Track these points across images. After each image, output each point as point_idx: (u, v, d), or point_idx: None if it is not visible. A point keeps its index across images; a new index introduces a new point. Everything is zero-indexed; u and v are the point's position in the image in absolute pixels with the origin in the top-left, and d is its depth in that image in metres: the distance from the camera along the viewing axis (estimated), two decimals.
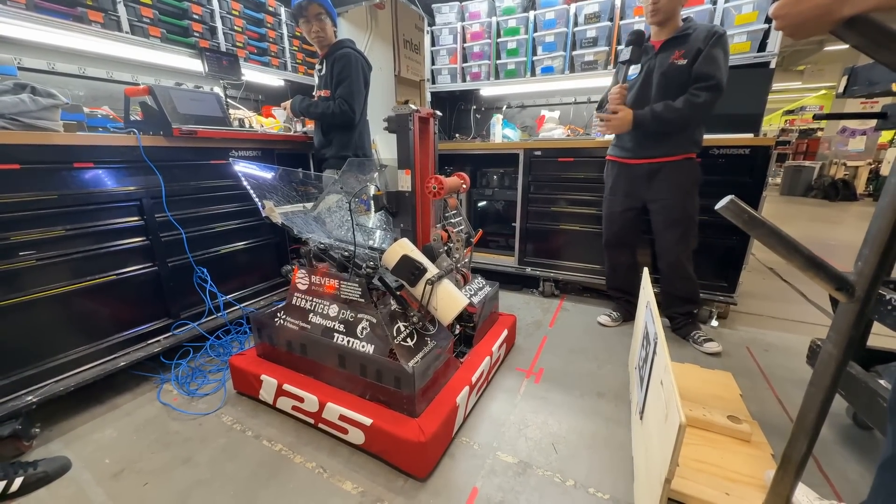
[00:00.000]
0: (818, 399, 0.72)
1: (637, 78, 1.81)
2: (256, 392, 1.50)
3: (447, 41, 2.90)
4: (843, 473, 1.19)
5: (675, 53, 1.69)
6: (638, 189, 1.91)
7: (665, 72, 1.72)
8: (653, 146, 1.81)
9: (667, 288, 2.01)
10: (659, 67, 1.74)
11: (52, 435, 1.37)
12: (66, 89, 1.92)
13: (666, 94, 1.72)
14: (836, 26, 0.55)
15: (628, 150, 1.90)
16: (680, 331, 2.01)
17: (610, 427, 1.39)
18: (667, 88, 1.72)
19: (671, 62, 1.70)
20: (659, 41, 1.75)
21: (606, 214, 2.07)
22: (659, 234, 1.92)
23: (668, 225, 1.86)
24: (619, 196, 1.99)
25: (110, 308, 1.56)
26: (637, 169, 1.89)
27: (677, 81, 1.70)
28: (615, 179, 1.99)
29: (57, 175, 1.39)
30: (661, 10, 1.67)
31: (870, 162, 7.50)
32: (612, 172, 2.01)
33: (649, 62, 1.77)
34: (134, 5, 1.93)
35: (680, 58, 1.68)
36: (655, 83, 1.75)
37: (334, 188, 1.79)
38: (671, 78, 1.71)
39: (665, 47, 1.73)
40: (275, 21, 2.70)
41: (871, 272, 0.62)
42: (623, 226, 2.02)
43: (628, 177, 1.93)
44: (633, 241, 2.10)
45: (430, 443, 1.15)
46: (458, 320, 1.64)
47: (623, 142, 1.92)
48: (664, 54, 1.73)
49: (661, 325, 1.08)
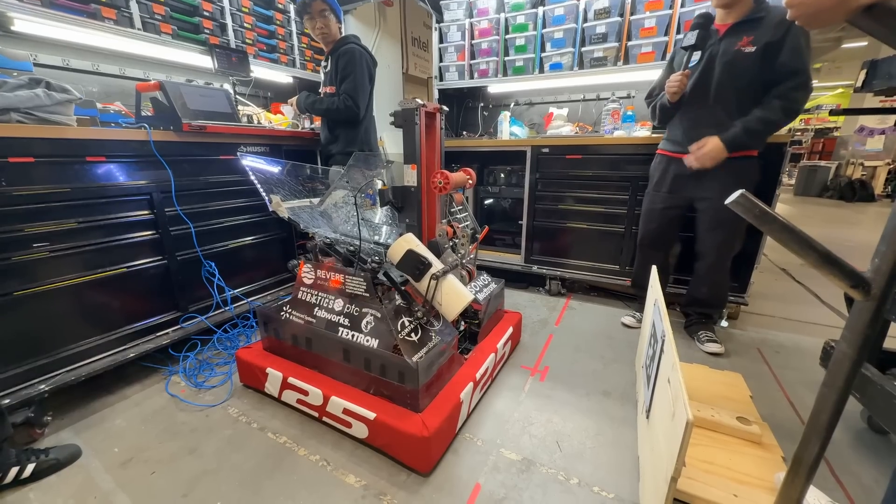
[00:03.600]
0: (831, 400, 0.70)
1: (697, 65, 1.64)
2: (262, 385, 1.52)
3: (455, 38, 2.88)
4: (856, 478, 1.16)
5: (743, 39, 1.52)
6: (685, 186, 1.78)
7: (730, 60, 1.55)
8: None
9: (696, 289, 1.94)
10: (723, 55, 1.57)
11: (64, 423, 1.40)
12: (79, 85, 1.95)
13: (730, 84, 1.58)
14: (853, 15, 0.53)
15: (680, 145, 1.75)
16: (690, 328, 1.98)
17: (615, 426, 1.38)
18: (731, 78, 1.57)
19: (737, 49, 1.53)
20: (724, 24, 1.59)
21: (646, 210, 1.95)
22: (703, 234, 1.80)
23: (715, 226, 1.74)
24: (662, 192, 1.86)
25: (121, 300, 1.59)
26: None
27: (742, 70, 1.54)
28: (662, 174, 1.85)
29: (70, 168, 1.41)
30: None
31: (888, 162, 7.29)
32: (660, 167, 1.87)
33: (711, 47, 1.60)
34: (146, 2, 1.95)
35: (748, 45, 1.51)
36: (718, 72, 1.59)
37: (340, 183, 1.80)
38: (736, 66, 1.54)
39: (731, 32, 1.56)
40: (284, 18, 2.72)
41: (889, 269, 0.60)
42: (661, 224, 1.90)
43: (675, 173, 1.79)
44: (670, 242, 1.99)
45: (434, 438, 1.15)
46: (463, 317, 1.64)
47: (675, 135, 1.78)
48: (729, 40, 1.56)
49: (670, 323, 1.07)
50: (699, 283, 1.92)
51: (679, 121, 1.77)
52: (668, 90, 1.66)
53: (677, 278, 2.16)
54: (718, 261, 1.81)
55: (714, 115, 1.64)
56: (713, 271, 1.84)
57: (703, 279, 1.89)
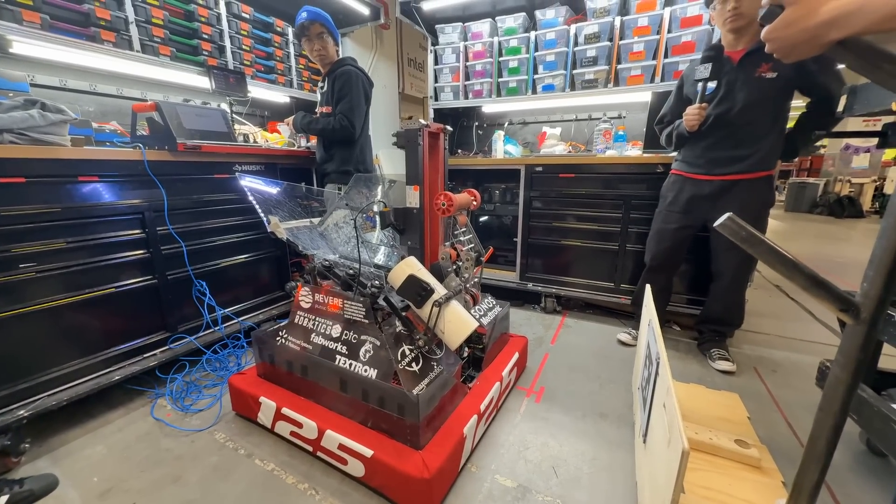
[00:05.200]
0: (828, 424, 0.69)
1: (714, 93, 1.66)
2: (255, 415, 1.45)
3: (450, 60, 2.96)
4: (858, 502, 1.13)
5: (763, 66, 1.55)
6: (700, 207, 1.78)
7: (752, 88, 1.58)
8: (729, 162, 1.68)
9: (712, 308, 1.94)
10: (743, 83, 1.59)
11: (41, 451, 1.35)
12: (76, 105, 1.96)
13: (753, 110, 1.60)
14: (826, 48, 0.55)
15: (698, 167, 1.76)
16: (703, 346, 1.97)
17: (612, 450, 1.35)
18: (754, 105, 1.59)
19: (758, 76, 1.56)
20: (736, 52, 1.61)
21: (658, 230, 1.94)
22: (719, 254, 1.81)
23: (733, 246, 1.76)
24: (676, 212, 1.85)
25: (108, 321, 1.55)
26: (705, 186, 1.75)
27: (766, 96, 1.57)
28: (677, 194, 1.85)
29: (61, 188, 1.40)
30: (744, 15, 1.51)
31: (874, 179, 7.47)
32: (675, 187, 1.87)
33: (727, 76, 1.62)
34: (146, 25, 1.99)
35: (768, 71, 1.54)
36: (742, 100, 1.61)
37: (340, 204, 1.79)
38: (760, 93, 1.58)
39: (748, 60, 1.58)
40: (282, 40, 2.78)
41: (878, 294, 0.60)
42: (673, 244, 1.90)
43: (692, 193, 1.79)
44: (678, 263, 1.99)
45: (435, 479, 1.08)
46: (467, 342, 1.58)
47: (691, 157, 1.79)
48: (748, 67, 1.58)
49: (664, 346, 1.06)
50: (716, 303, 1.92)
51: (696, 143, 1.77)
52: (688, 123, 1.68)
53: (691, 299, 2.15)
54: (735, 280, 1.81)
55: (734, 137, 1.67)
56: (731, 291, 1.84)
57: (720, 299, 1.89)
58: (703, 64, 1.62)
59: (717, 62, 1.61)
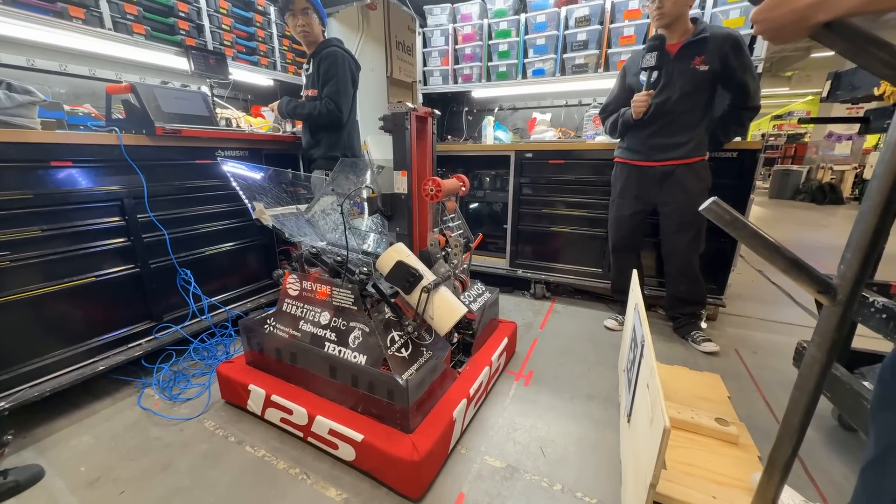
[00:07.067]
0: (803, 402, 0.72)
1: (656, 83, 1.76)
2: (244, 402, 1.45)
3: (439, 43, 2.89)
4: (828, 475, 1.19)
5: (696, 59, 1.66)
6: (649, 192, 1.89)
7: (689, 78, 1.69)
8: (669, 148, 1.79)
9: (673, 290, 2.01)
10: (679, 74, 1.70)
11: (26, 442, 1.33)
12: (46, 86, 1.87)
13: (689, 99, 1.71)
14: (813, 31, 0.55)
15: (640, 153, 1.87)
16: (681, 330, 2.03)
17: (599, 430, 1.39)
18: (690, 95, 1.71)
19: (692, 68, 1.67)
20: (673, 45, 1.72)
21: (614, 218, 2.04)
22: (668, 236, 1.90)
23: (679, 228, 1.84)
24: (628, 199, 1.96)
25: (89, 311, 1.52)
26: (649, 171, 1.86)
27: (699, 87, 1.69)
28: (625, 182, 1.95)
29: (33, 174, 1.35)
30: (667, 14, 1.64)
31: (855, 166, 7.64)
32: (622, 175, 1.97)
33: (667, 66, 1.73)
34: (117, 2, 1.89)
35: (701, 64, 1.65)
36: (678, 89, 1.71)
37: (327, 190, 1.76)
38: (693, 84, 1.69)
39: (682, 53, 1.69)
40: (264, 20, 2.67)
41: (854, 275, 0.62)
42: (631, 229, 2.00)
43: (639, 179, 1.90)
44: (639, 244, 2.08)
45: (425, 462, 1.09)
46: (457, 328, 1.59)
47: (634, 144, 1.89)
48: (683, 60, 1.69)
49: (649, 329, 1.08)
50: (675, 283, 1.99)
51: (638, 131, 1.86)
52: (636, 109, 1.76)
53: (660, 281, 2.21)
54: (686, 260, 1.89)
55: (673, 125, 1.78)
56: (684, 271, 1.92)
57: (676, 280, 1.97)
58: (650, 53, 1.68)
59: (661, 52, 1.67)
